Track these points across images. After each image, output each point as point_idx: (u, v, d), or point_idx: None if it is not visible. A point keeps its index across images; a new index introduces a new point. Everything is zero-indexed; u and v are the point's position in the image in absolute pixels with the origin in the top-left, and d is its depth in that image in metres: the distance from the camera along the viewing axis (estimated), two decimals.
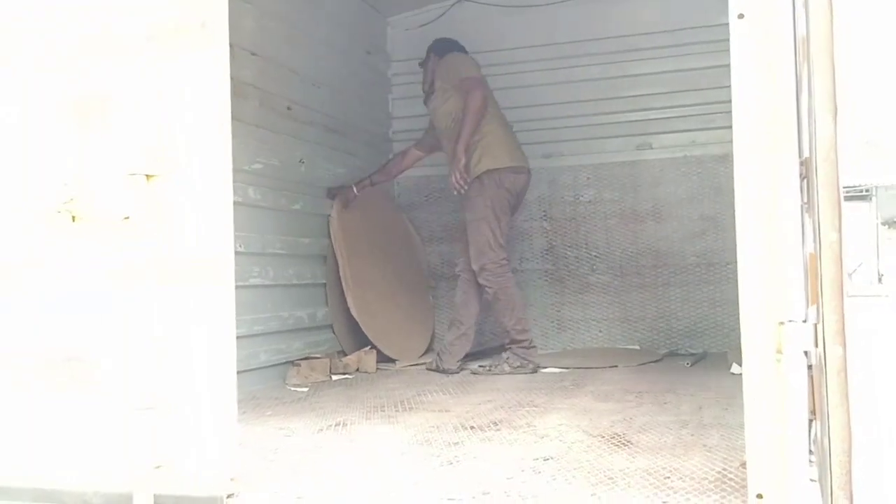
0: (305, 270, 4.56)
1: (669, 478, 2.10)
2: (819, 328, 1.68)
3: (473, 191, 4.39)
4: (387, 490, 2.10)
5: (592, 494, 1.96)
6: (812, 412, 1.74)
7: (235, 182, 3.86)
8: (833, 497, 1.64)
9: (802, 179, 1.80)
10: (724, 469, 2.15)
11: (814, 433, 1.70)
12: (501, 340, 4.57)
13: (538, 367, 4.38)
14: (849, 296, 1.66)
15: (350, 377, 4.43)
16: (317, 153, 4.75)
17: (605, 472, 2.16)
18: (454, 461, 2.35)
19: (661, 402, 3.28)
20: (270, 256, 4.25)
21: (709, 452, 2.36)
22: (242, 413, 3.28)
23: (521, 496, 1.97)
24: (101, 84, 2.13)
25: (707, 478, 2.08)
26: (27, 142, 2.20)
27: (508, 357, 4.36)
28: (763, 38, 1.71)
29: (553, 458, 2.35)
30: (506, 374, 4.26)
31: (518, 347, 4.37)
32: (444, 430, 2.81)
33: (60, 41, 2.17)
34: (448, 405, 3.37)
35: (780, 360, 1.66)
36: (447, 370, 4.40)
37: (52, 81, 2.17)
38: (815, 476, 1.70)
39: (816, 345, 1.68)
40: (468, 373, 4.39)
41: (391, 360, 4.79)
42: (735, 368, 4.09)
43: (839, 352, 1.67)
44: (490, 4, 5.46)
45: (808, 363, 1.65)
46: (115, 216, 2.06)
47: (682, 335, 5.12)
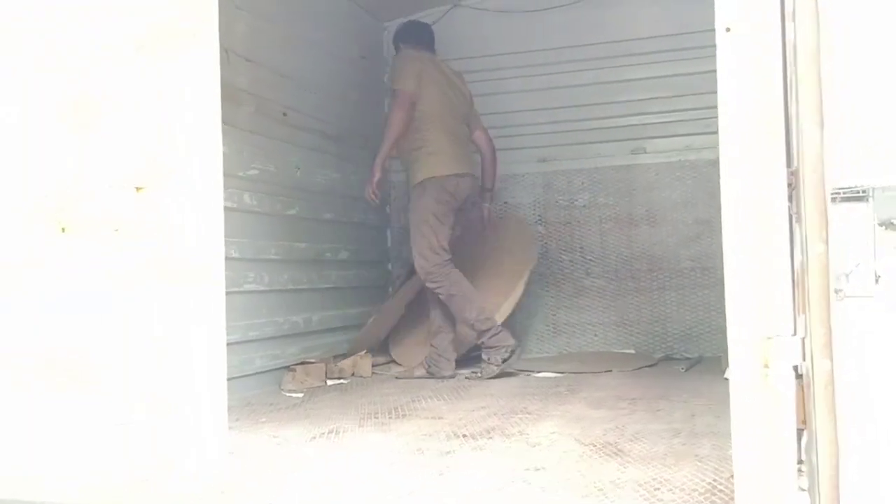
0: (301, 275, 4.57)
1: (659, 489, 2.10)
2: (806, 342, 1.68)
3: (415, 196, 4.47)
4: (376, 499, 2.10)
5: None
6: (803, 422, 1.75)
7: (230, 188, 3.96)
8: None
9: (792, 190, 1.80)
10: (715, 480, 2.15)
11: (804, 444, 1.70)
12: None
13: (516, 346, 4.30)
14: (847, 296, 1.65)
15: (345, 382, 4.43)
16: (313, 159, 4.76)
17: (595, 484, 2.16)
18: (445, 471, 2.36)
19: (654, 410, 3.28)
20: (265, 262, 4.25)
21: (700, 463, 2.36)
22: (236, 420, 3.30)
23: None
24: (96, 87, 2.13)
25: (697, 489, 2.08)
26: (25, 143, 2.19)
27: (489, 356, 4.27)
28: (750, 52, 1.72)
29: (544, 469, 2.35)
30: (495, 375, 4.19)
31: (490, 339, 4.26)
32: (437, 439, 2.82)
33: (60, 44, 2.16)
34: (442, 412, 3.37)
35: (768, 376, 1.66)
36: (444, 376, 4.39)
37: (50, 83, 2.16)
38: (806, 486, 1.70)
39: (804, 358, 1.68)
40: (463, 377, 4.38)
41: (386, 364, 4.80)
42: (729, 374, 4.10)
43: (826, 365, 1.68)
44: (485, 10, 5.46)
45: (799, 373, 1.65)
46: (111, 219, 2.06)
47: (678, 339, 5.12)
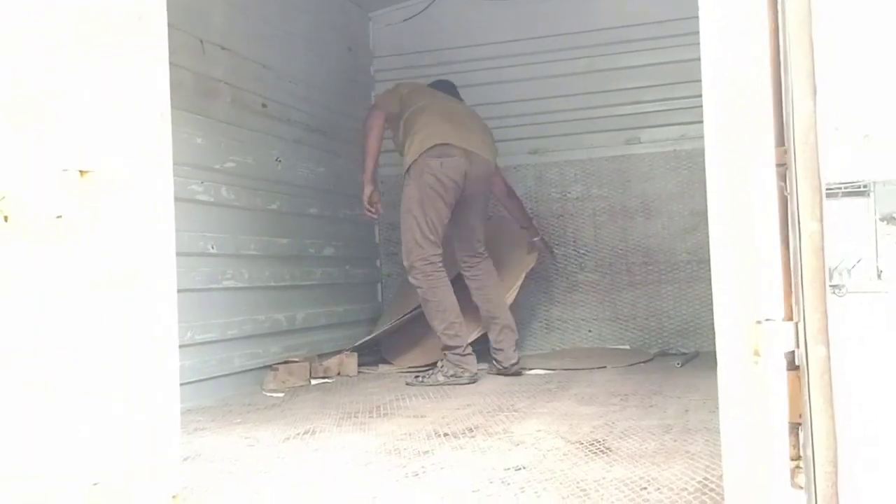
0: (283, 272, 4.43)
1: (646, 489, 1.96)
2: (800, 327, 1.54)
3: (405, 185, 4.18)
4: (344, 502, 1.96)
5: None
6: (800, 416, 1.61)
7: (207, 181, 3.83)
8: None
9: (786, 169, 1.66)
10: (706, 478, 2.01)
11: (801, 439, 1.56)
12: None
13: (476, 377, 3.98)
14: (850, 292, 1.52)
15: (330, 381, 4.29)
16: (295, 152, 4.62)
17: (578, 484, 2.02)
18: (420, 472, 2.21)
19: (647, 405, 3.14)
20: (245, 258, 4.12)
21: (691, 460, 2.21)
22: (210, 420, 3.16)
23: None
24: (35, 77, 2.00)
25: (686, 488, 1.94)
26: None
27: (443, 365, 4.00)
28: (735, 13, 1.58)
29: (525, 468, 2.21)
30: (440, 385, 3.90)
31: (452, 354, 3.99)
32: (416, 438, 2.67)
33: None
34: (424, 410, 3.23)
35: (758, 363, 1.52)
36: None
37: None
38: (803, 483, 1.56)
39: (798, 345, 1.54)
40: (440, 382, 4.02)
41: (374, 364, 4.66)
42: None
43: (822, 352, 1.53)
44: None
45: (796, 363, 1.50)
46: (48, 214, 1.92)
47: (674, 334, 4.98)
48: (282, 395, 3.83)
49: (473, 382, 3.95)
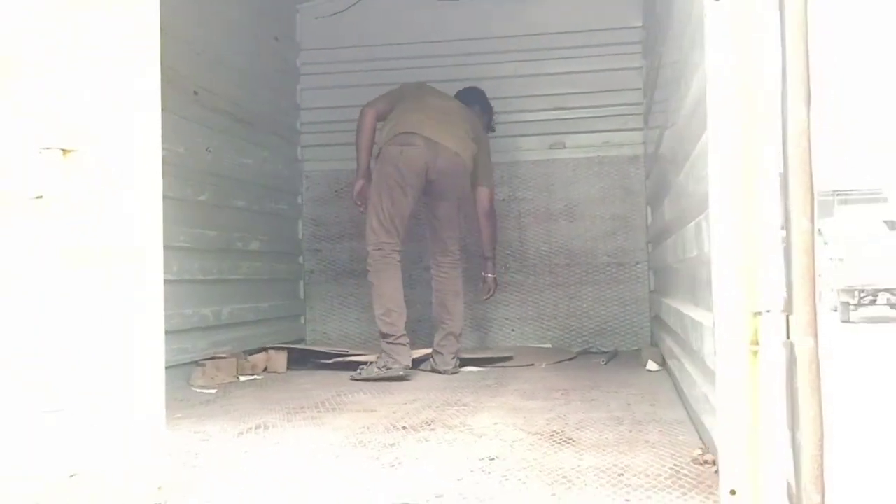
0: (211, 265, 4.31)
1: (623, 475, 2.03)
2: (791, 319, 1.65)
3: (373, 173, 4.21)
4: (335, 492, 1.95)
5: (552, 495, 1.87)
6: None
7: None
8: (804, 492, 1.61)
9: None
10: (676, 465, 2.11)
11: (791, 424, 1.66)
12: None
13: (407, 370, 3.93)
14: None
15: (259, 378, 4.21)
16: (224, 142, 4.50)
17: (557, 472, 2.08)
18: (396, 463, 2.22)
19: (589, 400, 3.24)
20: (174, 250, 3.96)
21: (654, 449, 2.31)
22: None
23: (478, 499, 1.86)
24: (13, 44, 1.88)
25: (661, 475, 2.03)
26: None
27: (379, 358, 3.97)
28: (739, 22, 1.67)
29: (498, 458, 2.25)
30: (374, 379, 3.85)
31: (386, 343, 3.95)
32: (376, 431, 2.67)
33: None
34: (372, 405, 3.22)
35: (757, 353, 1.62)
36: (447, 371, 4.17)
37: None
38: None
39: (789, 336, 1.65)
40: (374, 377, 3.95)
41: (304, 361, 4.59)
42: (651, 365, 4.13)
43: (810, 343, 1.64)
44: None
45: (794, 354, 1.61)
46: (28, 194, 1.82)
47: (594, 334, 5.15)
48: (214, 391, 3.73)
49: (405, 378, 3.90)
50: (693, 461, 2.12)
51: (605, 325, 5.15)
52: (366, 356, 4.27)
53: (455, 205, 4.28)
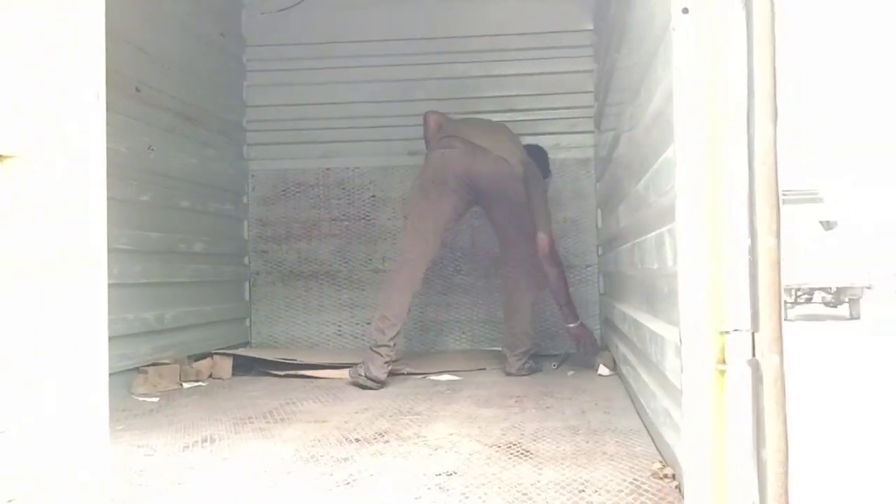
0: (154, 268, 4.16)
1: (584, 490, 2.01)
2: (757, 336, 1.64)
3: None
4: None
5: None
6: None
7: None
8: None
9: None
10: (636, 479, 2.09)
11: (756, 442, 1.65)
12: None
13: (377, 381, 3.75)
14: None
15: (203, 385, 4.09)
16: (168, 141, 4.35)
17: (517, 488, 2.04)
18: (351, 480, 2.15)
19: (544, 407, 3.22)
20: (115, 252, 3.77)
21: (612, 461, 2.29)
22: None
23: None
24: None
25: (622, 490, 2.01)
26: None
27: (364, 360, 3.85)
28: (707, 35, 1.65)
29: (456, 473, 2.20)
30: (351, 383, 3.82)
31: (369, 348, 3.85)
32: (328, 444, 2.60)
33: None
34: (323, 415, 3.14)
35: (724, 372, 1.60)
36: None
37: None
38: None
39: (754, 353, 1.64)
40: (349, 381, 3.90)
41: (249, 367, 4.47)
42: (602, 370, 4.13)
43: (776, 360, 1.64)
44: None
45: (759, 372, 1.59)
46: None
47: (544, 336, 5.11)
48: (156, 400, 3.61)
49: (371, 388, 3.75)
50: (653, 475, 2.11)
51: (556, 328, 5.13)
52: (315, 370, 4.21)
53: (510, 209, 4.17)
